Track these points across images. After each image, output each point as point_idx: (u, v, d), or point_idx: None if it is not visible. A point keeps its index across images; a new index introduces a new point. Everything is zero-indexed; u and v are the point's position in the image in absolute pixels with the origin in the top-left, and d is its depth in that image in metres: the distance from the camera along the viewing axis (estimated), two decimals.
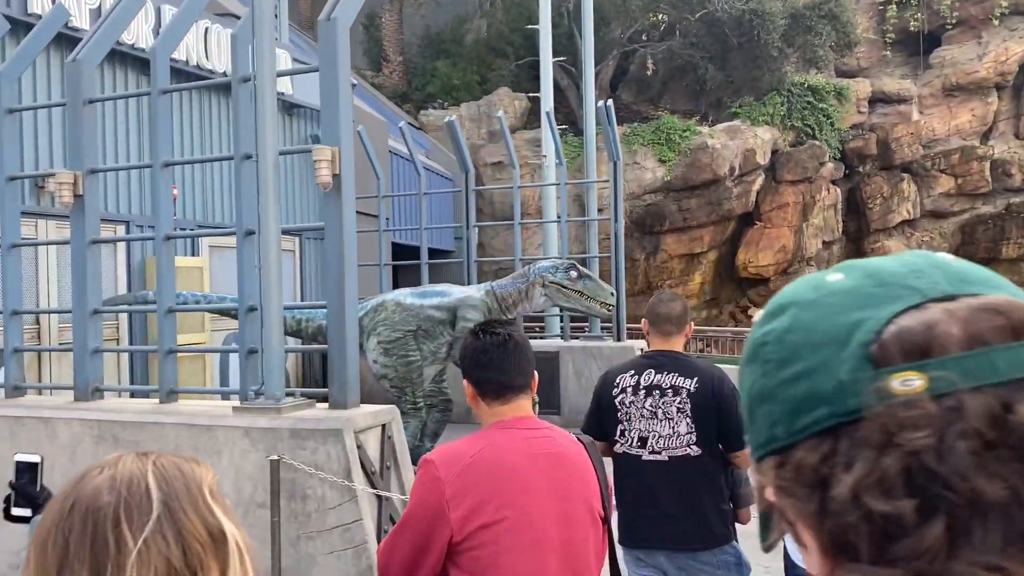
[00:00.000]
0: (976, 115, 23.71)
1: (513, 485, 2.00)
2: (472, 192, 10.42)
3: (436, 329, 7.07)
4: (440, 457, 2.05)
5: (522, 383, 2.13)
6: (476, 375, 2.12)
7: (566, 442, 2.15)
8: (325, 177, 4.73)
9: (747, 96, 22.28)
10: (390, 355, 7.06)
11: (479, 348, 2.13)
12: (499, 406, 2.11)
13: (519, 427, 2.09)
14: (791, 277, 22.08)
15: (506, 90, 22.38)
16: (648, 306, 3.30)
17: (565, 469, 2.08)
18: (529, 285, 6.94)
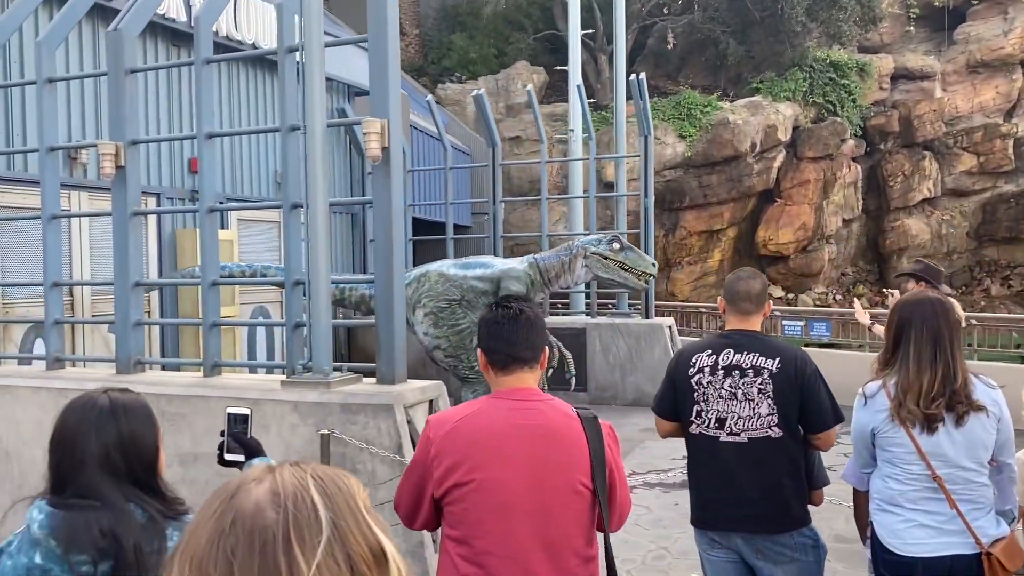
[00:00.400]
0: (1000, 92, 23.40)
1: (488, 451, 2.13)
2: (499, 167, 10.32)
3: (479, 300, 7.02)
4: (435, 419, 2.27)
5: (528, 356, 2.25)
6: (486, 343, 2.27)
7: (556, 415, 2.21)
8: (375, 150, 4.66)
9: (768, 71, 22.01)
10: (440, 325, 7.02)
11: (491, 320, 2.29)
12: (503, 376, 2.24)
13: (511, 398, 2.22)
14: (810, 255, 21.96)
15: (524, 64, 22.16)
16: (726, 283, 3.23)
17: (547, 441, 2.16)
18: (572, 257, 6.91)
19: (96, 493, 1.78)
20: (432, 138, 14.90)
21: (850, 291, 22.94)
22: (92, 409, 1.86)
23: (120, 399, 1.91)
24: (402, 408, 4.55)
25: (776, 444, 2.97)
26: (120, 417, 1.87)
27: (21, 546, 1.74)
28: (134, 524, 1.75)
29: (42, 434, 5.46)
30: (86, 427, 1.83)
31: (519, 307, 2.30)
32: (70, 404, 1.90)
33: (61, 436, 1.85)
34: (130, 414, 1.89)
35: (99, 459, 1.81)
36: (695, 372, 3.08)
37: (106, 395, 1.91)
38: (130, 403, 1.91)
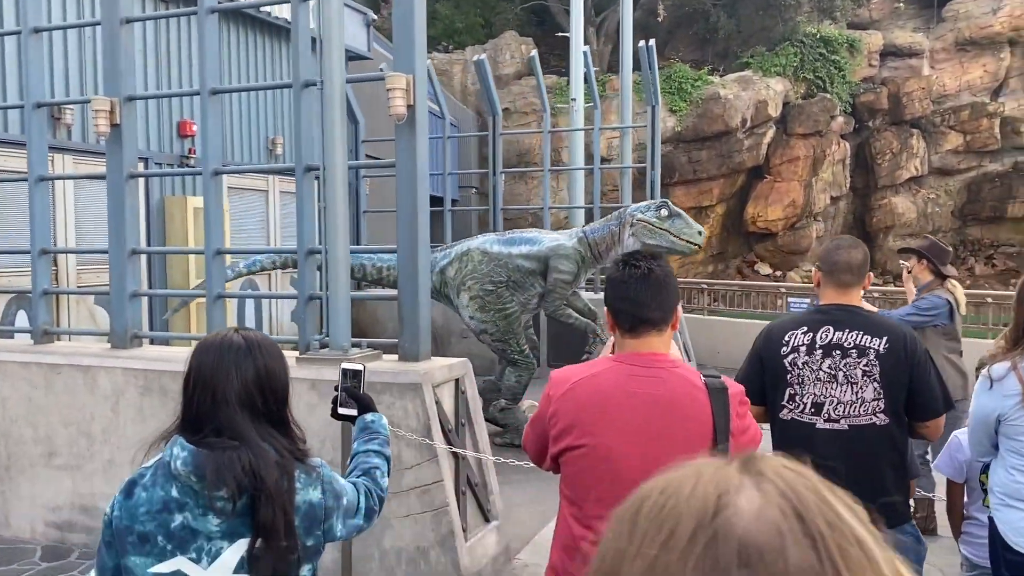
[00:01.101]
0: (988, 71, 23.30)
1: (599, 417, 2.05)
2: (500, 137, 9.94)
3: (527, 280, 6.69)
4: (557, 376, 2.18)
5: (658, 317, 2.11)
6: (613, 304, 2.15)
7: (678, 385, 2.07)
8: (400, 108, 4.29)
9: (758, 46, 21.73)
10: (487, 310, 6.68)
11: (618, 279, 2.15)
12: (630, 338, 2.12)
13: (633, 363, 2.10)
14: (799, 233, 21.84)
15: (513, 34, 21.68)
16: (823, 253, 2.92)
17: (663, 410, 2.04)
18: (620, 226, 6.55)
19: (235, 431, 1.78)
20: None
21: None
22: (229, 347, 1.85)
23: (253, 336, 1.90)
24: (430, 388, 4.23)
25: (881, 432, 2.68)
26: (256, 353, 1.85)
27: (156, 479, 1.78)
28: (271, 462, 1.76)
29: (33, 411, 5.06)
30: (225, 365, 1.82)
31: (648, 265, 2.15)
32: (203, 345, 1.88)
33: (198, 375, 1.84)
34: (264, 350, 1.87)
35: (239, 396, 1.80)
36: (789, 351, 2.78)
37: (238, 333, 1.89)
38: (262, 340, 1.90)
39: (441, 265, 6.87)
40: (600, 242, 6.63)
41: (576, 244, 6.67)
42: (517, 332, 6.74)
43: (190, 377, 1.85)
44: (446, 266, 6.87)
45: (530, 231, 7.02)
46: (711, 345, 10.79)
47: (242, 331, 1.92)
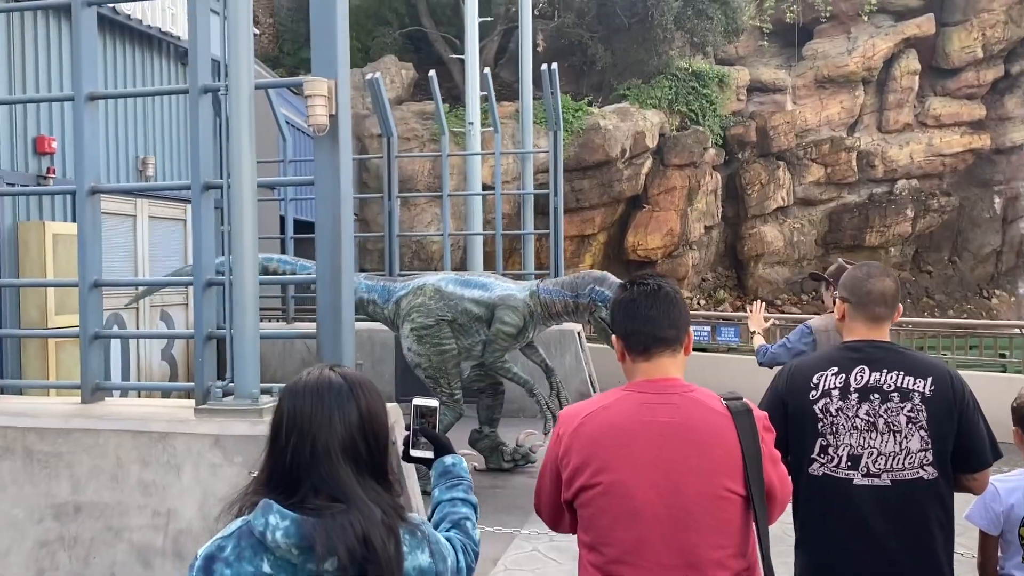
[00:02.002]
0: (844, 107, 24.71)
1: (614, 450, 1.93)
2: (395, 159, 9.41)
3: (472, 326, 6.43)
4: (565, 413, 2.06)
5: (671, 335, 2.01)
6: (623, 326, 2.03)
7: (697, 410, 1.95)
8: (320, 118, 3.73)
9: (633, 79, 22.18)
10: (423, 343, 6.41)
11: (626, 299, 2.05)
12: (642, 362, 2.01)
13: (644, 390, 1.98)
14: (676, 261, 22.26)
15: (392, 58, 21.20)
16: (849, 281, 2.55)
17: (682, 440, 1.91)
18: (577, 304, 6.25)
19: (339, 488, 1.56)
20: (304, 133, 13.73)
21: (712, 296, 23.51)
22: (329, 388, 1.62)
23: (352, 374, 1.68)
24: None
25: (928, 487, 2.34)
26: (358, 394, 1.64)
27: (241, 553, 1.55)
28: (379, 523, 1.55)
29: None
30: (327, 409, 1.59)
31: (657, 282, 2.08)
32: (297, 386, 1.64)
33: (293, 422, 1.59)
34: (366, 389, 1.67)
35: (342, 446, 1.59)
36: (819, 396, 2.40)
37: (333, 371, 1.66)
38: (361, 378, 1.69)
39: (397, 296, 6.66)
40: (552, 305, 6.35)
41: (527, 298, 6.38)
42: (450, 372, 6.44)
43: (282, 425, 1.60)
44: (402, 297, 6.63)
45: (487, 276, 6.77)
46: (614, 376, 10.55)
47: (338, 368, 1.69)
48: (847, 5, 24.37)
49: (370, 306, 6.82)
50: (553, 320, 6.38)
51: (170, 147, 9.14)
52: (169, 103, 9.08)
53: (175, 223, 9.31)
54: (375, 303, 6.78)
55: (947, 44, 24.53)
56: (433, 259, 19.23)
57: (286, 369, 9.70)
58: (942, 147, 24.89)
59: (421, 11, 23.04)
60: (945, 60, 24.68)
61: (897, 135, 25.04)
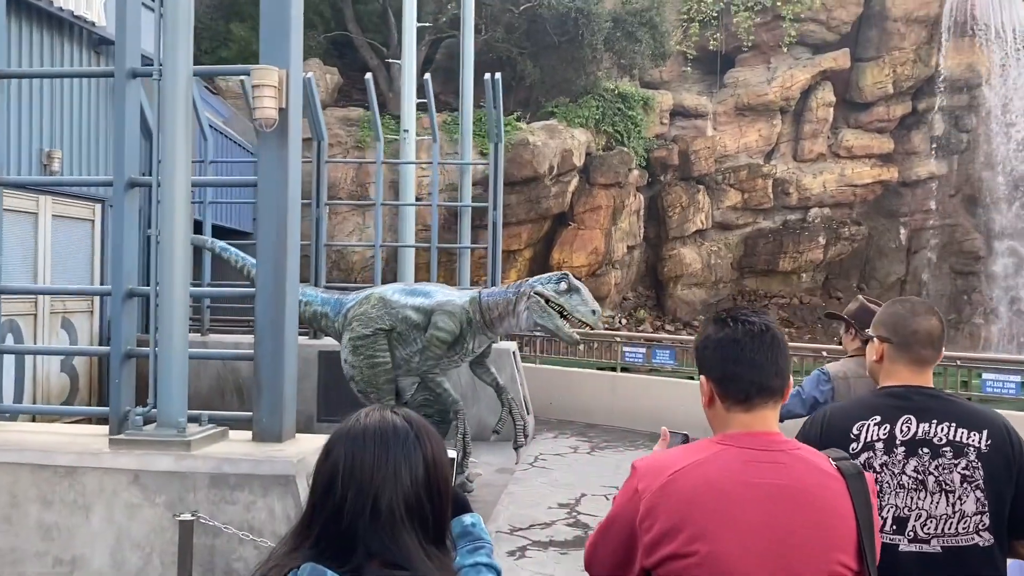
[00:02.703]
0: (762, 135, 25.28)
1: (714, 515, 1.68)
2: (325, 164, 8.91)
3: (411, 334, 6.04)
4: (645, 466, 1.78)
5: (777, 386, 1.78)
6: (721, 369, 1.78)
7: (807, 472, 1.72)
8: (268, 111, 3.30)
9: (561, 96, 22.16)
10: (357, 354, 6.03)
11: (728, 339, 1.79)
12: (740, 413, 1.77)
13: (746, 445, 1.73)
14: (599, 280, 22.24)
15: (317, 62, 20.55)
16: (890, 319, 2.26)
17: (792, 505, 1.68)
18: (517, 297, 5.85)
19: (406, 558, 1.30)
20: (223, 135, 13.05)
21: (632, 315, 23.59)
22: (394, 435, 1.36)
23: (415, 418, 1.43)
24: (304, 479, 3.20)
25: (984, 556, 2.07)
26: (425, 443, 1.39)
27: None
28: None
29: None
30: (393, 460, 1.33)
31: (763, 322, 1.82)
32: (353, 430, 1.37)
33: (350, 475, 1.32)
34: (431, 437, 1.41)
35: (408, 506, 1.33)
36: (860, 448, 2.12)
37: (396, 414, 1.41)
38: (425, 423, 1.44)
39: (347, 308, 6.32)
40: (493, 307, 5.96)
41: (466, 304, 6.01)
42: (382, 387, 6.04)
43: (337, 477, 1.35)
44: (351, 308, 6.28)
45: (432, 285, 6.40)
46: (545, 395, 10.26)
47: (399, 410, 1.45)
48: (768, 36, 24.99)
49: (322, 320, 6.42)
50: (493, 329, 6.00)
51: (79, 141, 8.40)
52: (80, 93, 8.35)
53: (82, 224, 8.56)
54: (327, 316, 6.36)
55: (860, 79, 25.43)
56: (354, 270, 18.62)
57: (200, 388, 9.02)
58: (853, 178, 25.74)
59: (347, 16, 22.47)
60: (858, 94, 25.58)
61: (811, 164, 25.78)
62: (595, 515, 6.47)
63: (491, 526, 6.09)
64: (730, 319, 1.82)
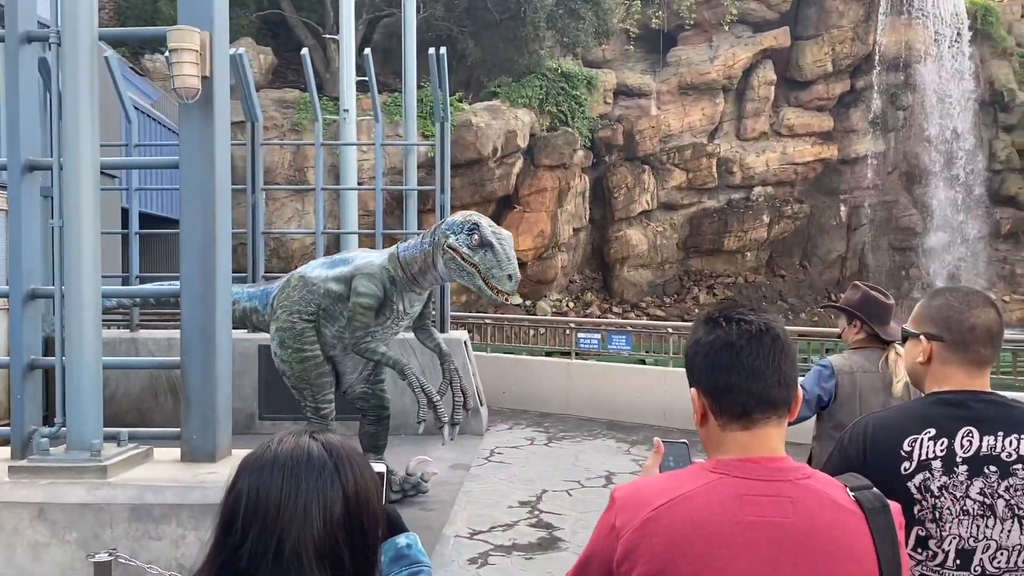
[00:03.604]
0: (706, 114, 25.22)
1: (702, 562, 1.38)
2: (260, 147, 8.35)
3: (335, 308, 5.43)
4: (624, 497, 1.49)
5: (782, 397, 1.48)
6: (714, 380, 1.49)
7: (816, 507, 1.41)
8: (189, 79, 2.83)
9: (504, 76, 21.72)
10: (285, 347, 5.48)
11: (720, 342, 1.50)
12: (737, 431, 1.47)
13: (744, 474, 1.43)
14: (546, 263, 21.96)
15: (250, 41, 19.74)
16: (940, 312, 1.91)
17: (799, 551, 1.38)
18: (434, 248, 5.25)
19: None
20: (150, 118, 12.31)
21: (579, 298, 23.39)
22: (307, 466, 1.19)
23: (337, 445, 1.24)
24: None
25: None
26: (346, 474, 1.21)
27: None
28: None
29: None
30: (304, 495, 1.17)
31: (763, 321, 1.51)
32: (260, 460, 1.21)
33: (254, 512, 1.17)
34: (356, 466, 1.23)
35: (318, 549, 1.17)
36: (914, 468, 1.78)
37: (316, 440, 1.24)
38: (349, 450, 1.25)
39: (273, 296, 5.74)
40: (412, 262, 5.36)
41: (385, 262, 5.41)
42: (315, 384, 5.50)
43: (238, 512, 1.17)
44: (275, 298, 5.69)
45: (355, 251, 5.81)
46: (498, 385, 9.89)
47: (319, 436, 1.26)
48: (710, 14, 24.89)
49: (253, 316, 5.85)
50: (419, 281, 5.42)
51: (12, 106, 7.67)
52: None
53: None
54: (258, 311, 5.81)
55: (800, 57, 25.53)
56: (294, 258, 17.98)
57: (129, 390, 8.41)
58: (795, 156, 25.89)
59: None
60: (798, 72, 25.69)
61: (754, 143, 25.85)
62: (559, 513, 6.14)
63: (450, 529, 5.71)
64: (722, 318, 1.52)
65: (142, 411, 8.35)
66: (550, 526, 5.85)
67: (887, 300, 3.53)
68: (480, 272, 5.09)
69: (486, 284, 5.11)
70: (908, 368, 1.97)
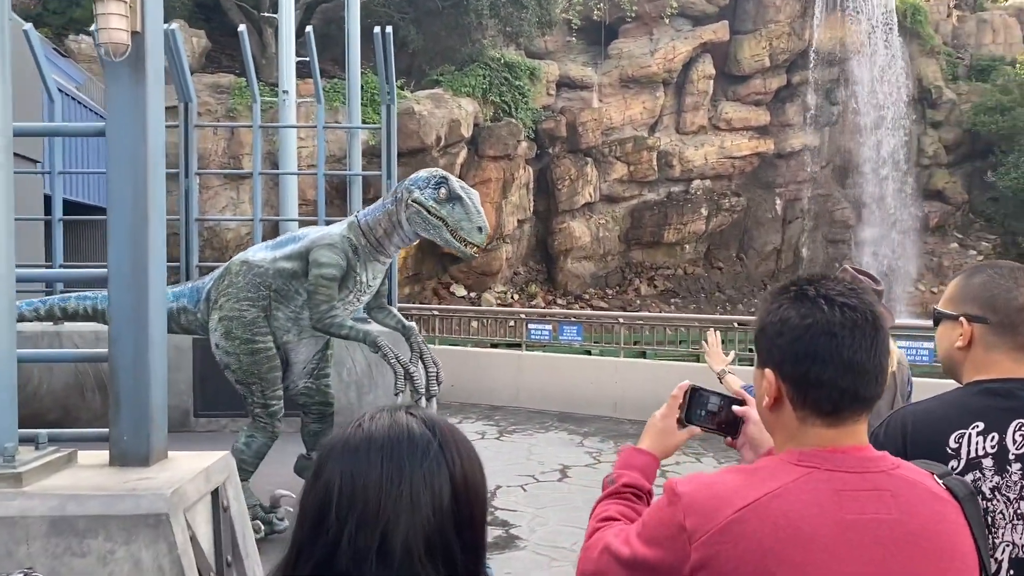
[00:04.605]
0: (646, 107, 25.30)
1: (804, 570, 1.19)
2: (193, 129, 7.90)
3: (290, 286, 5.00)
4: (694, 494, 1.25)
5: (877, 394, 1.29)
6: (803, 371, 1.26)
7: (915, 499, 1.26)
8: (118, 33, 2.49)
9: (446, 64, 21.39)
10: (231, 338, 5.01)
11: (818, 328, 1.26)
12: (821, 427, 1.27)
13: (837, 467, 1.25)
14: (491, 255, 21.71)
15: (182, 24, 18.93)
16: (984, 291, 1.71)
17: (908, 550, 1.22)
18: (397, 205, 4.90)
19: None
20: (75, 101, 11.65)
21: (524, 290, 23.22)
22: (410, 447, 1.00)
23: (441, 424, 1.05)
24: (182, 516, 2.46)
25: None
26: (453, 456, 1.03)
27: None
28: None
29: None
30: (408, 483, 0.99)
31: (869, 307, 1.28)
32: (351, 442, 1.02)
33: (349, 502, 0.99)
34: (461, 447, 1.04)
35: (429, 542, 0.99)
36: (962, 468, 1.59)
37: (414, 416, 1.05)
38: (453, 428, 1.06)
39: (207, 290, 5.27)
40: (376, 226, 4.99)
41: (345, 231, 5.03)
42: (265, 378, 5.07)
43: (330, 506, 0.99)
44: (211, 288, 5.23)
45: (304, 228, 5.34)
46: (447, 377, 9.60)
47: (417, 411, 1.06)
48: (651, 7, 24.94)
49: (182, 316, 5.35)
50: (383, 250, 5.07)
51: None
52: None
53: None
54: (187, 311, 5.33)
55: (739, 51, 25.79)
56: (228, 248, 17.35)
57: (53, 386, 7.88)
58: (732, 150, 26.16)
59: None
60: (737, 67, 25.94)
61: (693, 136, 26.02)
62: (514, 510, 5.91)
63: None
64: (821, 298, 1.28)
65: (67, 409, 7.83)
66: (506, 523, 5.62)
67: (876, 285, 3.35)
68: (448, 226, 4.83)
69: (454, 236, 4.85)
70: (943, 354, 1.77)
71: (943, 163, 27.65)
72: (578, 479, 6.15)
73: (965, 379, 1.72)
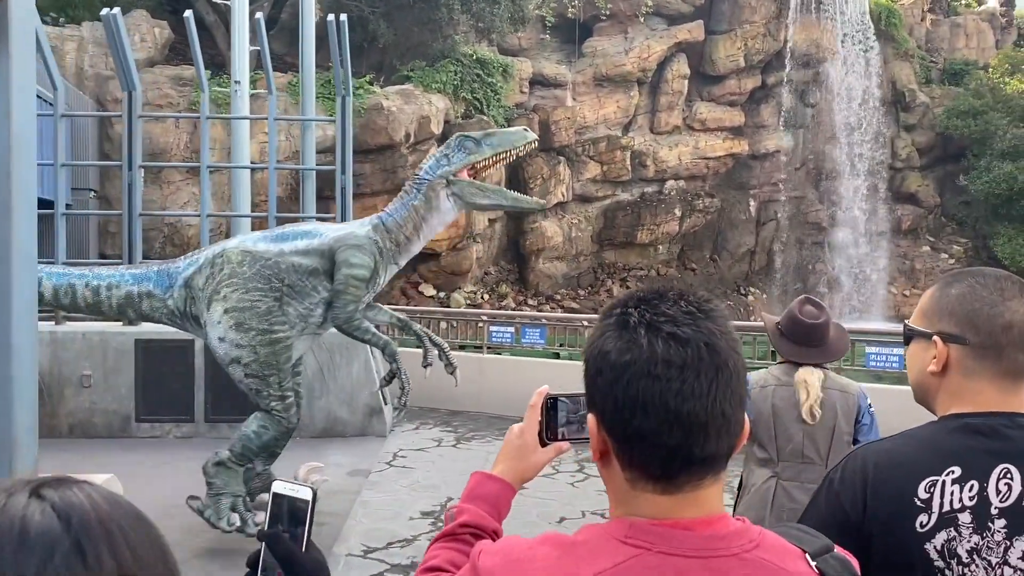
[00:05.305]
0: (620, 107, 25.09)
1: None
2: (137, 119, 7.50)
3: (306, 283, 4.85)
4: (495, 571, 1.00)
5: (724, 451, 0.98)
6: (622, 421, 0.98)
7: None
8: None
9: (417, 60, 21.03)
10: (244, 329, 4.79)
11: (637, 368, 0.97)
12: (655, 495, 0.98)
13: (671, 550, 0.95)
14: (460, 254, 21.38)
15: (143, 14, 18.46)
16: (966, 304, 1.39)
17: None
18: (427, 195, 4.83)
19: None
20: None
21: (494, 290, 22.92)
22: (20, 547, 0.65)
23: (79, 509, 0.68)
24: None
25: None
26: (100, 550, 0.67)
27: None
28: None
29: None
30: None
31: (703, 331, 0.97)
32: None
33: None
34: (117, 542, 0.67)
35: None
36: (935, 525, 1.29)
37: (38, 500, 0.68)
38: (107, 515, 0.68)
39: (185, 276, 5.02)
40: (404, 224, 4.93)
41: (370, 232, 4.93)
42: (282, 368, 4.88)
43: None
44: (192, 276, 4.98)
45: (305, 224, 5.17)
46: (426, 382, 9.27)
47: (50, 491, 0.69)
48: (625, 5, 24.74)
49: (143, 302, 5.02)
50: (411, 242, 5.01)
51: None
52: None
53: None
54: (152, 296, 4.99)
55: (714, 51, 25.65)
56: (190, 245, 16.90)
57: None
58: (707, 150, 26.02)
59: None
60: (711, 67, 25.80)
61: (667, 137, 25.84)
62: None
63: (341, 547, 5.08)
64: (643, 325, 0.98)
65: None
66: None
67: (807, 320, 3.13)
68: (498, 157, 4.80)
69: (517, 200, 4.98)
70: (913, 380, 1.47)
71: (916, 166, 27.70)
72: (535, 490, 5.86)
73: (940, 411, 1.41)
